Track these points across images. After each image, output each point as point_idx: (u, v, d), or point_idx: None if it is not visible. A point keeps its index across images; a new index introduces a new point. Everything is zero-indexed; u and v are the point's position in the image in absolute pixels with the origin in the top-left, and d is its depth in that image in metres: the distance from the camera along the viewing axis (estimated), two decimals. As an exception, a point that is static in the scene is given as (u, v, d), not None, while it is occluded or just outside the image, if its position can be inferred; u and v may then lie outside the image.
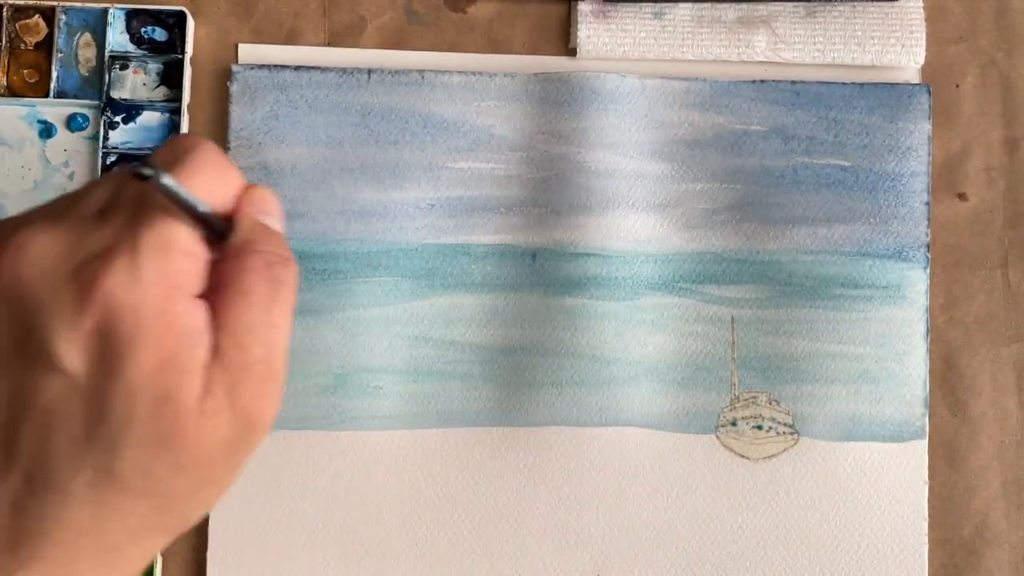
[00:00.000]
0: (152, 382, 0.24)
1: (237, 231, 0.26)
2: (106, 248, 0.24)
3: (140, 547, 0.26)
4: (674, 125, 0.45)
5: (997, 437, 0.44)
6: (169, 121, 0.45)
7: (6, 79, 0.45)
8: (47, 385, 0.24)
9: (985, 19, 0.46)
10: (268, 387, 0.26)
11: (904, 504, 0.43)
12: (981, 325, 0.45)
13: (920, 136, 0.45)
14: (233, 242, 0.26)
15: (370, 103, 0.45)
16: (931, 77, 0.46)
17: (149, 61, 0.45)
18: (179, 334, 0.24)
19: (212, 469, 0.26)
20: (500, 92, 0.45)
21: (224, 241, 0.26)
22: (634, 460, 0.43)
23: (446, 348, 0.44)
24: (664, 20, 0.45)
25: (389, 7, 0.46)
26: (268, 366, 0.26)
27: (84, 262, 0.24)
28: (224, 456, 0.26)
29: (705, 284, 0.44)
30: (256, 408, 0.26)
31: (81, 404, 0.24)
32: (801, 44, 0.45)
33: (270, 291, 0.26)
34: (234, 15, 0.46)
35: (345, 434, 0.43)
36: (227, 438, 0.25)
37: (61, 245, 0.25)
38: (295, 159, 0.44)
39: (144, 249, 0.24)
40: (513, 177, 0.44)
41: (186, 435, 0.25)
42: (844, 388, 0.44)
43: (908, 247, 0.44)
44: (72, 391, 0.24)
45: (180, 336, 0.24)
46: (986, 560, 0.44)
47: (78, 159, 0.45)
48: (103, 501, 0.25)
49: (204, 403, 0.25)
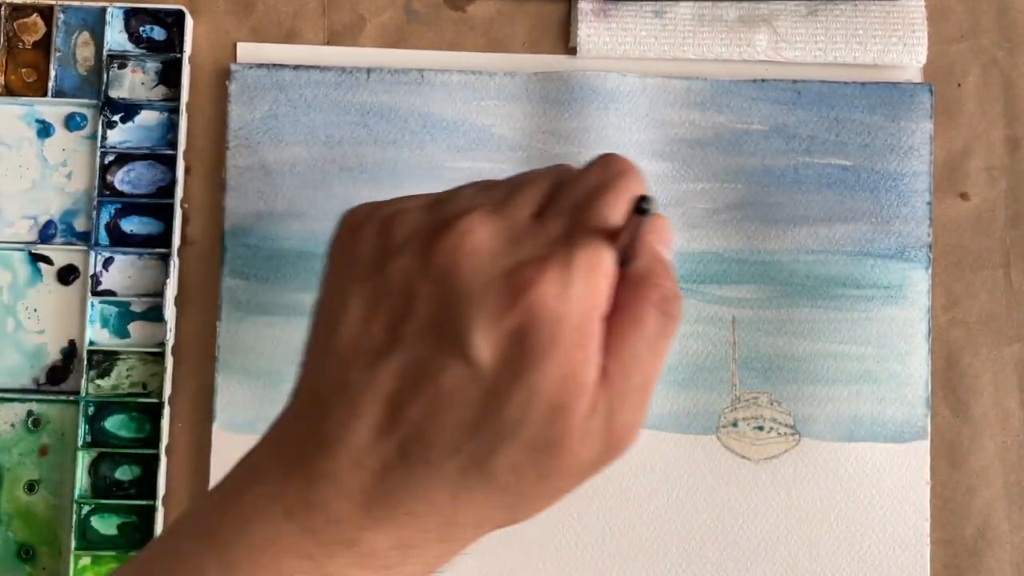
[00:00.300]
0: (552, 391, 0.25)
1: (639, 260, 0.27)
2: (541, 256, 0.26)
3: (477, 532, 0.28)
4: (675, 124, 0.45)
5: (999, 437, 0.44)
6: (168, 120, 0.44)
7: (4, 78, 0.45)
8: (451, 369, 0.25)
9: (987, 18, 0.46)
10: (638, 416, 0.27)
11: (906, 505, 0.43)
12: (983, 325, 0.45)
13: (922, 135, 0.44)
14: (635, 270, 0.27)
15: (369, 102, 0.44)
16: (933, 76, 0.45)
17: (148, 60, 0.45)
18: (586, 351, 0.25)
19: (568, 482, 0.27)
20: (500, 91, 0.45)
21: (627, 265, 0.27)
22: (635, 461, 0.43)
23: (446, 348, 0.44)
24: (665, 19, 0.45)
25: (388, 6, 0.46)
26: (643, 395, 0.27)
27: (520, 265, 0.25)
28: (581, 474, 0.27)
29: (706, 284, 0.44)
30: (624, 434, 0.27)
31: (479, 395, 0.25)
32: (802, 43, 0.45)
33: (661, 324, 0.27)
34: (233, 14, 0.45)
35: (345, 435, 0.43)
36: (593, 457, 0.26)
37: (500, 242, 0.26)
38: (294, 158, 0.44)
39: (578, 266, 0.25)
40: (513, 177, 0.44)
41: (566, 447, 0.26)
42: (846, 388, 0.43)
43: (910, 247, 0.44)
44: (474, 381, 0.25)
45: (586, 353, 0.25)
46: (988, 561, 0.44)
47: (76, 158, 0.44)
48: (466, 486, 0.26)
49: (588, 421, 0.26)
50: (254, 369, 0.43)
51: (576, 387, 0.25)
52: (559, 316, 0.25)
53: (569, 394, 0.25)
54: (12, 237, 0.44)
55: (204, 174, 0.45)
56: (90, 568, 0.42)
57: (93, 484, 0.43)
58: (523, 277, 0.25)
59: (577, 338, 0.25)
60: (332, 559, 0.26)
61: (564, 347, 0.25)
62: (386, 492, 0.26)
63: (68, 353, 0.44)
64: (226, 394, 0.43)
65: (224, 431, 0.43)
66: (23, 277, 0.44)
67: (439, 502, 0.26)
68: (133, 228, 0.44)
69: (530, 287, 0.25)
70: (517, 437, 0.25)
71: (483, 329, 0.25)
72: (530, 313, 0.25)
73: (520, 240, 0.26)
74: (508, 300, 0.25)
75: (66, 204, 0.44)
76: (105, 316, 0.44)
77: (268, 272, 0.44)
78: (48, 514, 0.43)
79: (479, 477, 0.26)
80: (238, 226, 0.44)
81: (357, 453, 0.26)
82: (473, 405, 0.25)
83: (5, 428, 0.43)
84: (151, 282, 0.44)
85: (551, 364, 0.25)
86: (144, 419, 0.43)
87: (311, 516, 0.26)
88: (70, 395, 0.43)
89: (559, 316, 0.25)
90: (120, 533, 0.43)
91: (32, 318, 0.44)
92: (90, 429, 0.43)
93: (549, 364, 0.25)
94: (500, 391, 0.25)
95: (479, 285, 0.25)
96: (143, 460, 0.43)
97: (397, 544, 0.26)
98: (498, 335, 0.25)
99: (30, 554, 0.43)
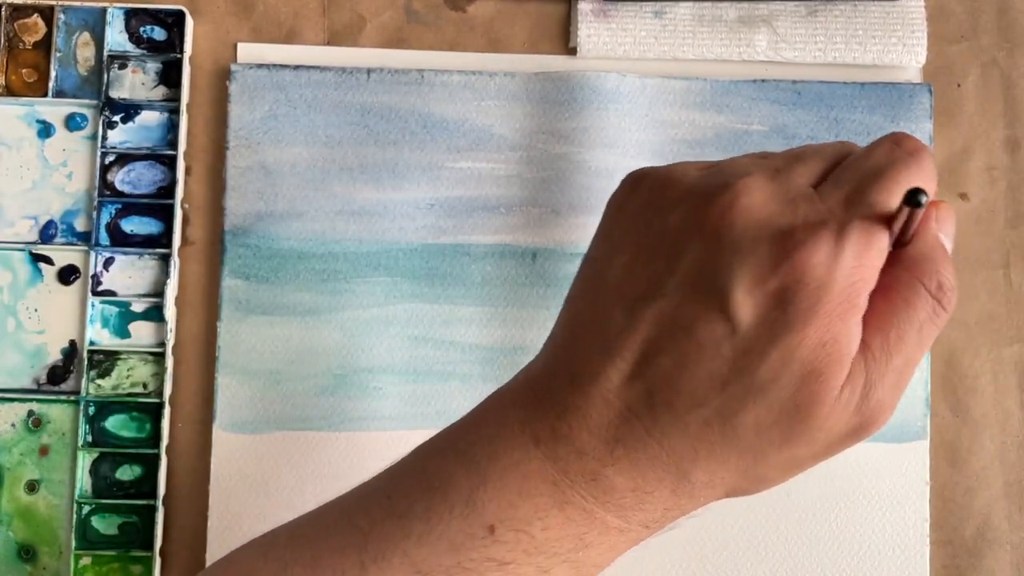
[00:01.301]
0: (808, 356, 0.25)
1: (919, 243, 0.27)
2: (815, 223, 0.26)
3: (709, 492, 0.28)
4: (675, 125, 0.45)
5: (998, 438, 0.44)
6: (168, 120, 0.44)
7: (4, 78, 0.45)
8: (708, 323, 0.26)
9: (986, 18, 0.46)
10: (894, 397, 0.27)
11: (905, 505, 0.43)
12: (983, 325, 0.45)
13: (921, 136, 0.44)
14: (912, 252, 0.27)
15: (369, 103, 0.44)
16: (932, 77, 0.45)
17: (148, 60, 0.45)
18: (848, 323, 0.25)
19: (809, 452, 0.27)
20: (500, 91, 0.45)
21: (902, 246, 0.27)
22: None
23: (446, 348, 0.44)
24: (664, 19, 0.45)
25: (389, 6, 0.46)
26: (901, 377, 0.27)
27: (792, 228, 0.25)
28: (825, 446, 0.27)
29: (706, 284, 0.44)
30: (876, 413, 0.27)
31: (733, 351, 0.26)
32: (802, 43, 0.45)
33: (931, 312, 0.27)
34: (233, 14, 0.45)
35: (345, 434, 0.43)
36: (841, 431, 0.26)
37: (775, 205, 0.26)
38: (294, 159, 0.44)
39: (851, 236, 0.25)
40: (513, 177, 0.44)
41: (816, 414, 0.26)
42: (845, 388, 0.43)
43: (909, 247, 0.44)
44: (729, 337, 0.25)
45: (848, 325, 0.25)
46: (987, 561, 0.44)
47: (76, 159, 0.44)
48: (707, 440, 0.26)
49: (842, 392, 0.26)
50: (254, 369, 0.43)
51: (833, 356, 0.25)
52: (825, 283, 0.25)
53: (825, 361, 0.25)
54: (13, 237, 0.44)
55: (204, 174, 0.45)
56: (90, 568, 0.42)
57: (94, 484, 0.43)
58: (793, 239, 0.25)
59: (840, 308, 0.25)
60: (573, 488, 0.27)
61: (826, 314, 0.25)
62: (630, 433, 0.26)
63: (68, 353, 0.44)
64: (226, 394, 0.43)
65: (224, 431, 0.43)
66: (24, 277, 0.44)
67: (678, 452, 0.27)
68: (133, 228, 0.44)
69: (799, 249, 0.25)
70: (766, 397, 0.26)
71: (746, 287, 0.25)
72: (795, 275, 0.25)
73: (795, 206, 0.26)
74: (775, 261, 0.25)
75: (66, 204, 0.44)
76: (105, 316, 0.44)
77: (268, 272, 0.44)
78: (49, 514, 0.43)
79: (722, 432, 0.26)
80: (238, 226, 0.44)
81: (607, 391, 0.27)
82: (726, 360, 0.26)
83: (5, 428, 0.43)
84: (151, 282, 0.44)
85: (810, 329, 0.25)
86: (144, 419, 0.43)
87: (558, 445, 0.27)
88: (70, 395, 0.43)
89: (825, 283, 0.25)
90: (121, 533, 0.43)
91: (32, 318, 0.44)
92: (91, 429, 0.43)
93: (808, 329, 0.25)
94: (756, 350, 0.25)
95: (748, 243, 0.26)
96: (143, 460, 0.43)
97: (633, 487, 0.27)
98: (762, 294, 0.25)
99: (31, 554, 0.43)
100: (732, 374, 0.26)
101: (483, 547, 0.27)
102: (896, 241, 0.27)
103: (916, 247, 0.27)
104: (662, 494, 0.27)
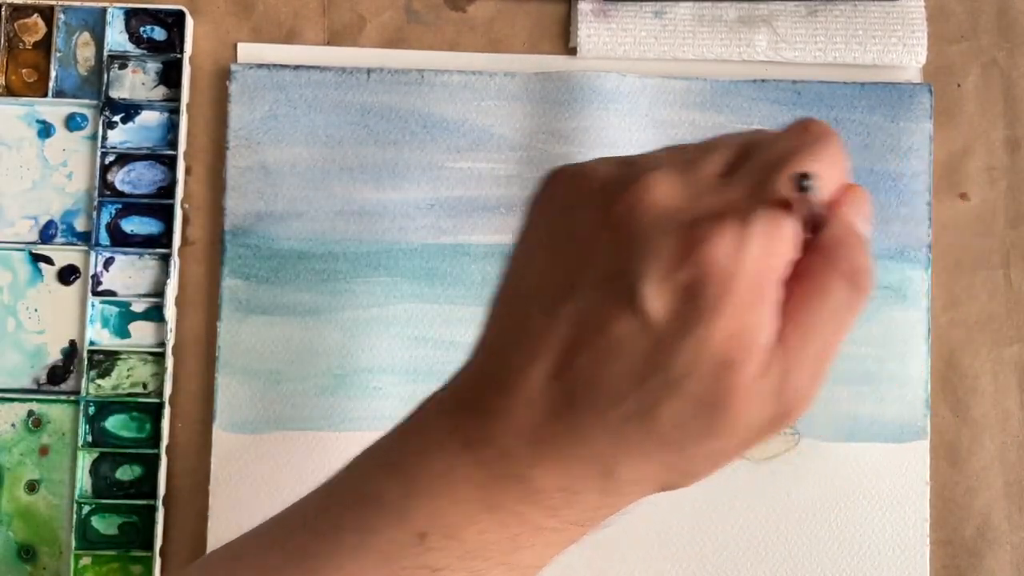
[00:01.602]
0: (720, 348, 0.25)
1: (831, 228, 0.27)
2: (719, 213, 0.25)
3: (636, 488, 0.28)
4: (675, 125, 0.45)
5: (999, 438, 0.44)
6: (168, 120, 0.44)
7: (4, 78, 0.45)
8: (621, 320, 0.26)
9: (986, 18, 0.46)
10: (813, 385, 0.27)
11: (905, 505, 0.43)
12: (983, 325, 0.45)
13: (921, 136, 0.44)
14: (825, 238, 0.27)
15: (369, 103, 0.44)
16: (932, 76, 0.45)
17: (148, 60, 0.45)
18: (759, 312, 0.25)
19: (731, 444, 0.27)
20: (500, 92, 0.45)
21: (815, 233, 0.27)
22: (634, 461, 0.43)
23: (446, 348, 0.44)
24: (664, 19, 0.45)
25: (389, 6, 0.46)
26: (820, 365, 0.27)
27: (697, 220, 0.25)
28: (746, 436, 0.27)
29: (706, 284, 0.44)
30: (795, 401, 0.26)
31: (647, 346, 0.25)
32: (802, 43, 0.45)
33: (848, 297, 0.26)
34: (233, 14, 0.45)
35: (345, 434, 0.43)
36: (759, 421, 0.26)
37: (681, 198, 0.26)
38: (294, 159, 0.44)
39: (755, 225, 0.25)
40: (513, 177, 0.44)
41: (733, 404, 0.26)
42: (845, 389, 0.43)
43: (909, 247, 0.44)
44: (643, 333, 0.25)
45: (759, 314, 0.25)
46: (987, 561, 0.44)
47: (77, 159, 0.44)
48: (627, 436, 0.26)
49: (758, 382, 0.26)
50: (254, 369, 0.43)
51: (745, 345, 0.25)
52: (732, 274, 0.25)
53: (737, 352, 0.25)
54: (13, 237, 0.44)
55: (204, 174, 0.45)
56: (90, 568, 0.42)
57: (94, 484, 0.43)
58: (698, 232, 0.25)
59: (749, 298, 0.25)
60: (503, 491, 0.27)
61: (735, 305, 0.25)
62: (553, 433, 0.27)
63: (68, 353, 0.44)
64: (226, 394, 0.43)
65: (224, 431, 0.43)
66: (24, 277, 0.44)
67: (602, 450, 0.27)
68: (133, 228, 0.44)
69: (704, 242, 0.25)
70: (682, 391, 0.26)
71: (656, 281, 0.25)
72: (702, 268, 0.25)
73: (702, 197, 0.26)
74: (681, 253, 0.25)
75: (67, 204, 0.44)
76: (105, 316, 0.44)
77: (268, 272, 0.44)
78: (49, 514, 0.43)
79: (643, 428, 0.26)
80: (238, 226, 0.44)
81: (530, 393, 0.27)
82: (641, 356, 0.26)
83: (5, 428, 0.43)
84: (151, 282, 0.44)
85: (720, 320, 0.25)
86: (144, 419, 0.43)
87: (484, 449, 0.27)
88: (70, 395, 0.43)
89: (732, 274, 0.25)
90: (121, 533, 0.43)
91: (32, 318, 0.44)
92: (91, 429, 0.43)
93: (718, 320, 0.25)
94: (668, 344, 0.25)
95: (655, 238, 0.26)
96: (143, 460, 0.43)
97: (561, 487, 0.27)
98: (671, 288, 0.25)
99: (31, 554, 0.43)
100: (648, 369, 0.26)
101: (416, 555, 0.27)
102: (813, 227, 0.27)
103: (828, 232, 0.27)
104: (591, 492, 0.27)
